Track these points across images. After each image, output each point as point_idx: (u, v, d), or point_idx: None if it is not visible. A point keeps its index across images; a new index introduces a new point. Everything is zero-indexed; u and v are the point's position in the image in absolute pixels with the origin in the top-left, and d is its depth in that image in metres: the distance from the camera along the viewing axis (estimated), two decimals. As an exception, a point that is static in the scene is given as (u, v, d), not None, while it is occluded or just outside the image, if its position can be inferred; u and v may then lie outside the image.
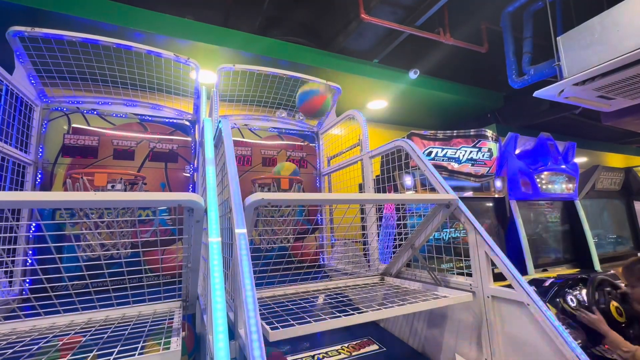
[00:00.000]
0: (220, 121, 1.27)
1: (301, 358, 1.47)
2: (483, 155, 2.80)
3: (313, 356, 1.49)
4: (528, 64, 3.06)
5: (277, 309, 1.25)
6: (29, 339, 1.06)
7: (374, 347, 1.63)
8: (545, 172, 3.20)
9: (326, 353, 1.52)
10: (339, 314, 1.12)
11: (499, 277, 1.33)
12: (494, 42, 3.32)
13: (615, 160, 6.00)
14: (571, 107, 3.29)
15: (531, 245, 3.00)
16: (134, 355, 0.87)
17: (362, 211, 2.05)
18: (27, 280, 1.64)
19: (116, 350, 0.89)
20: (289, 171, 2.28)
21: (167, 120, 2.28)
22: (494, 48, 3.32)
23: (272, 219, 2.24)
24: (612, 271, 2.90)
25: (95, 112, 2.09)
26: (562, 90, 2.44)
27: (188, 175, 2.24)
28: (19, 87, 1.73)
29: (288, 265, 1.58)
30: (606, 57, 2.08)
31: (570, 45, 2.32)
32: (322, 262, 2.44)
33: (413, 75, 3.23)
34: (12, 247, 1.55)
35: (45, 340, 1.04)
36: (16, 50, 1.71)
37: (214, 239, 0.90)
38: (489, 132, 2.84)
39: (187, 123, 2.33)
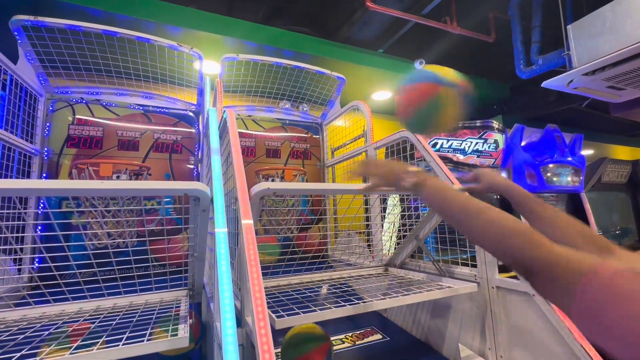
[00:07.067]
0: (225, 111, 1.26)
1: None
2: (489, 147, 2.78)
3: (317, 345, 1.50)
4: (536, 54, 3.00)
5: (282, 298, 1.26)
6: (39, 325, 1.08)
7: (378, 336, 1.65)
8: (551, 164, 3.16)
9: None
10: (343, 303, 1.13)
11: (502, 270, 1.34)
12: (501, 32, 3.25)
13: (622, 152, 5.93)
14: (579, 98, 3.23)
15: (536, 237, 2.98)
16: (142, 341, 0.88)
17: (366, 202, 2.05)
18: (35, 267, 1.66)
19: (125, 336, 0.91)
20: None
21: (171, 111, 2.27)
22: (502, 37, 3.24)
23: (276, 210, 2.25)
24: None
25: (99, 103, 2.08)
26: (571, 81, 2.39)
27: (192, 166, 2.24)
28: (24, 77, 1.73)
29: (292, 256, 1.59)
30: (617, 46, 2.03)
31: (580, 34, 2.26)
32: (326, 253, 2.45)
33: (419, 65, 3.19)
34: (20, 235, 1.57)
35: (55, 326, 1.05)
36: (19, 39, 1.70)
37: (221, 229, 0.90)
38: (495, 124, 2.81)
39: (191, 114, 2.32)
